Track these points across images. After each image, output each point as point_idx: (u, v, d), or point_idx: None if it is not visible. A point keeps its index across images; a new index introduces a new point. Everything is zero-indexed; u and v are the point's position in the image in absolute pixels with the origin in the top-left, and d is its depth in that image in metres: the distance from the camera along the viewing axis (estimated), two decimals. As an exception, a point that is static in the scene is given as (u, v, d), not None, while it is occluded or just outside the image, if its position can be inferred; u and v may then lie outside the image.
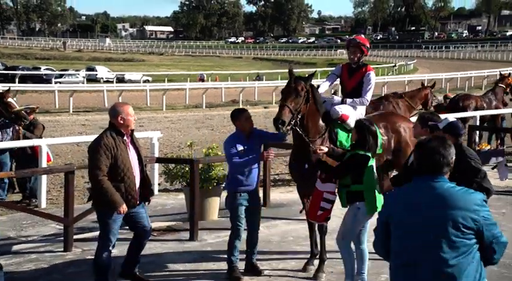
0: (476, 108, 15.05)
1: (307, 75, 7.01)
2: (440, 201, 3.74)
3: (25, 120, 10.86)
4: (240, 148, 6.90)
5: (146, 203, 6.84)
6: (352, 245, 6.74)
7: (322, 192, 6.66)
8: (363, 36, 8.75)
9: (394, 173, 8.37)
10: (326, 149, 6.65)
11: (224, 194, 7.96)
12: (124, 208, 6.30)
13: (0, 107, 10.67)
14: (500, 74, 17.18)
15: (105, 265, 6.56)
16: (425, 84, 12.94)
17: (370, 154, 6.53)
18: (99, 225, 6.63)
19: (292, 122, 6.60)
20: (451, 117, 6.47)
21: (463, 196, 3.74)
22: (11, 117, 10.67)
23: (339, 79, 7.97)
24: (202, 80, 46.31)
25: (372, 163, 6.58)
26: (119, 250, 7.27)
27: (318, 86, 7.50)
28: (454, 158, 3.88)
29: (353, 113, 7.39)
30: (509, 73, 18.44)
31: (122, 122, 6.43)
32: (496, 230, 3.75)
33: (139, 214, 6.70)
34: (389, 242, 3.96)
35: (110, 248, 6.57)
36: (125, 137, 6.50)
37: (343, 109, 7.32)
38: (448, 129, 5.93)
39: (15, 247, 8.14)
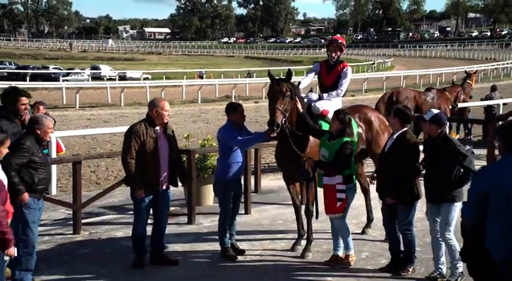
0: None
1: (287, 71, 7.00)
2: None
3: None
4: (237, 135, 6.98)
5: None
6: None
7: (334, 185, 6.69)
8: (339, 35, 8.80)
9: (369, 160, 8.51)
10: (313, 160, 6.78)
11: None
12: (141, 190, 6.55)
13: None
14: (466, 72, 17.46)
15: (139, 237, 6.78)
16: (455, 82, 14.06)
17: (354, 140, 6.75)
18: (133, 202, 6.85)
19: (283, 121, 6.64)
20: (435, 109, 6.64)
21: None
22: None
23: (316, 76, 7.93)
24: (201, 77, 46.09)
25: None
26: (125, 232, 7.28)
27: (299, 83, 7.52)
28: None
29: (332, 107, 7.40)
30: (476, 70, 18.72)
31: (156, 114, 6.64)
32: None
33: (162, 199, 6.85)
34: (483, 211, 4.32)
35: (143, 222, 6.78)
36: (157, 128, 6.68)
37: (323, 105, 7.39)
38: (434, 120, 6.16)
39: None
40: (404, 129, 6.49)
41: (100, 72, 48.82)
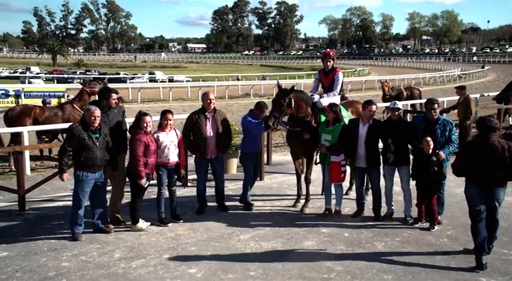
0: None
1: (291, 87, 6.83)
2: None
3: None
4: (254, 121, 7.05)
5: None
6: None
7: (339, 162, 6.70)
8: (329, 50, 8.60)
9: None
10: (309, 136, 6.77)
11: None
12: (196, 154, 6.86)
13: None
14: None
15: (199, 191, 6.96)
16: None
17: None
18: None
19: (277, 123, 6.56)
20: (399, 102, 6.88)
21: None
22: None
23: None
24: (238, 79, 45.46)
25: None
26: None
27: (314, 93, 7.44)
28: None
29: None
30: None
31: (204, 103, 6.86)
32: None
33: (215, 166, 6.93)
34: None
35: (202, 180, 6.90)
36: (207, 113, 6.81)
37: (325, 102, 7.25)
38: (396, 109, 6.57)
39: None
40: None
41: (155, 77, 48.59)
